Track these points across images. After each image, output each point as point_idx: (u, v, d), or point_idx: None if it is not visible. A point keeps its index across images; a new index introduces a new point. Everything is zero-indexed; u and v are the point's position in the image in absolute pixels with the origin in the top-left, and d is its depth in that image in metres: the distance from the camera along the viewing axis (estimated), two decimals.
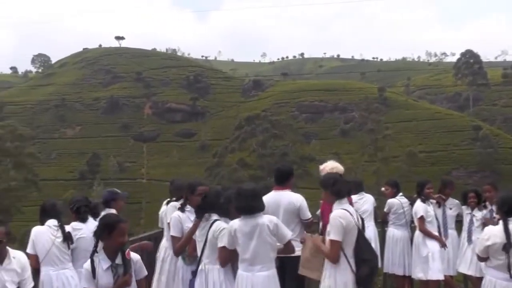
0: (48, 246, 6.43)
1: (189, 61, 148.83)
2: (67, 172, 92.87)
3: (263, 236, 5.77)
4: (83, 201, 7.11)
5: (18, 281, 5.25)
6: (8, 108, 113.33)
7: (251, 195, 5.94)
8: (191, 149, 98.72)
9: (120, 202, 7.73)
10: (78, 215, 6.92)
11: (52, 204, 6.95)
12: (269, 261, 5.86)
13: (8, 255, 5.20)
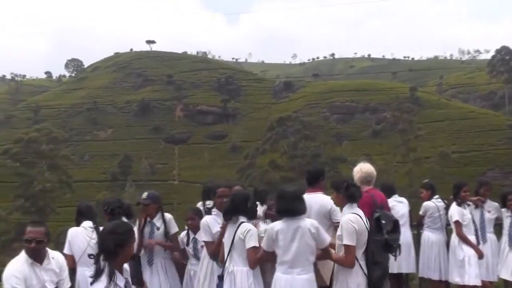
0: (83, 246, 6.57)
1: (220, 63, 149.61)
2: (99, 173, 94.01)
3: (304, 239, 5.74)
4: (116, 203, 7.17)
5: (56, 281, 5.33)
6: (43, 111, 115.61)
7: (293, 197, 5.92)
8: (222, 151, 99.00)
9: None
10: (112, 217, 6.93)
11: (87, 206, 7.09)
12: (308, 265, 5.83)
13: (48, 256, 5.29)
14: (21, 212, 74.60)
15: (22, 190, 76.45)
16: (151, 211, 7.46)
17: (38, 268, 5.17)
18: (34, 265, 5.15)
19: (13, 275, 5.01)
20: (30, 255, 5.18)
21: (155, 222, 7.37)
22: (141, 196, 7.77)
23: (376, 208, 6.69)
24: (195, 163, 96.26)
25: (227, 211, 6.32)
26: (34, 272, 5.13)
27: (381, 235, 6.34)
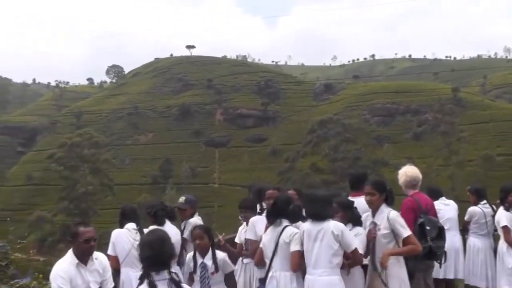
0: (127, 248, 6.64)
1: (260, 66, 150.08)
2: (140, 177, 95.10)
3: (325, 240, 5.74)
4: (159, 205, 7.25)
5: (100, 281, 5.42)
6: (86, 117, 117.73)
7: (322, 201, 5.93)
8: (263, 154, 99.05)
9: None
10: (155, 219, 7.02)
11: (131, 208, 7.19)
12: (330, 267, 5.77)
13: (91, 257, 5.37)
14: (65, 214, 76.71)
15: (66, 192, 78.49)
16: (187, 215, 7.72)
17: (83, 269, 5.27)
18: (79, 266, 5.25)
19: (59, 275, 5.11)
20: (85, 255, 5.31)
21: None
22: (179, 200, 7.86)
23: (421, 213, 6.58)
24: (235, 166, 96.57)
25: (270, 214, 6.34)
26: (79, 273, 5.23)
27: (425, 241, 6.27)
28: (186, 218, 7.72)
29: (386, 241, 6.09)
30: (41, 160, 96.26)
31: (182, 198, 7.92)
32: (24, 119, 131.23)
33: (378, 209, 6.25)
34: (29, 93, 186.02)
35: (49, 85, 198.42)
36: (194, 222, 7.69)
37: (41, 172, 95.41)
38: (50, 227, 74.74)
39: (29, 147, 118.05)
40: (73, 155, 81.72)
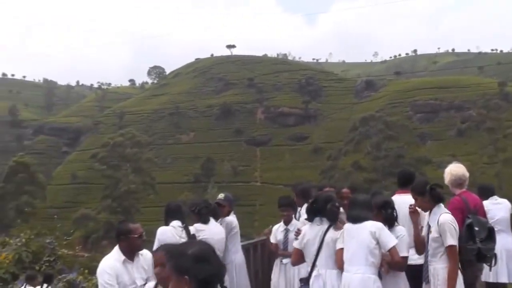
0: None
1: (300, 64, 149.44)
2: (182, 175, 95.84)
3: (362, 238, 5.69)
4: (204, 203, 7.29)
5: (145, 277, 5.45)
6: (127, 117, 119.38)
7: (362, 205, 5.92)
8: (304, 152, 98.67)
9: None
10: (200, 217, 7.05)
11: (176, 205, 7.20)
12: (365, 265, 5.68)
13: (138, 253, 5.44)
14: (109, 212, 78.28)
15: (109, 191, 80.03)
16: (225, 213, 7.64)
17: (130, 265, 5.33)
18: (126, 262, 5.31)
19: (105, 272, 5.20)
20: (135, 250, 5.40)
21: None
22: (218, 196, 7.85)
23: (469, 213, 6.34)
24: (276, 165, 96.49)
25: (309, 212, 6.27)
26: (125, 269, 5.29)
27: (474, 243, 6.06)
28: (223, 216, 7.65)
29: (436, 245, 5.95)
30: (85, 159, 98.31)
31: (221, 195, 7.90)
32: (69, 120, 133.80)
33: (431, 210, 6.09)
34: (73, 95, 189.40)
35: (92, 87, 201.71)
36: (230, 220, 7.70)
37: (85, 171, 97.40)
38: (93, 224, 76.13)
39: (73, 147, 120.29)
40: (115, 154, 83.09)
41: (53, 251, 14.82)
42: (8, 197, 78.90)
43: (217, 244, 6.86)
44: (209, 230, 6.95)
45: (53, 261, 14.57)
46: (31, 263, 13.68)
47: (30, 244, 14.45)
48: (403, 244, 5.88)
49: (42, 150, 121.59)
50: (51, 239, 15.35)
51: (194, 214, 7.12)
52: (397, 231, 5.98)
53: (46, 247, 14.85)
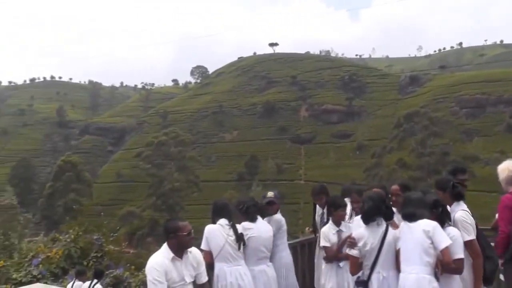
0: (221, 243, 6.51)
1: (343, 61, 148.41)
2: (226, 173, 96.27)
3: (416, 237, 5.49)
4: (251, 201, 7.15)
5: (194, 275, 5.49)
6: (171, 116, 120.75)
7: (416, 203, 5.72)
8: (348, 150, 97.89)
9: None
10: (247, 215, 6.94)
11: (223, 204, 7.03)
12: (420, 264, 5.48)
13: (186, 250, 5.44)
14: (153, 209, 79.46)
15: (154, 189, 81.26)
16: (275, 211, 7.53)
17: (178, 262, 5.33)
18: (175, 260, 5.31)
19: (154, 269, 5.19)
20: (185, 248, 5.40)
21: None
22: (267, 194, 7.71)
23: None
24: (320, 163, 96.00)
25: (368, 213, 6.02)
26: (174, 266, 5.28)
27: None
28: (272, 214, 7.52)
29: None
30: (130, 158, 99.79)
31: (271, 193, 7.78)
32: (113, 120, 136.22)
33: (451, 207, 6.06)
34: (117, 95, 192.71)
35: (136, 88, 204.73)
36: (279, 218, 7.57)
37: (130, 169, 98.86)
38: (138, 221, 77.19)
39: (118, 146, 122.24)
40: (160, 153, 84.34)
41: (100, 247, 15.06)
42: (57, 195, 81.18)
43: (265, 243, 6.84)
44: (257, 229, 6.83)
45: (100, 257, 14.80)
46: (79, 258, 13.87)
47: (78, 240, 14.65)
48: (458, 246, 5.59)
49: (88, 149, 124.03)
50: (98, 235, 15.59)
51: (241, 213, 6.99)
52: (449, 232, 5.69)
53: (93, 243, 15.08)
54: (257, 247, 6.74)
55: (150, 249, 56.56)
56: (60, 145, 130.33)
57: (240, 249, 6.60)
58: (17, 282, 11.63)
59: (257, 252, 6.73)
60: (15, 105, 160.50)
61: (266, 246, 6.86)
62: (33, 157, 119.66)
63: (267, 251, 6.90)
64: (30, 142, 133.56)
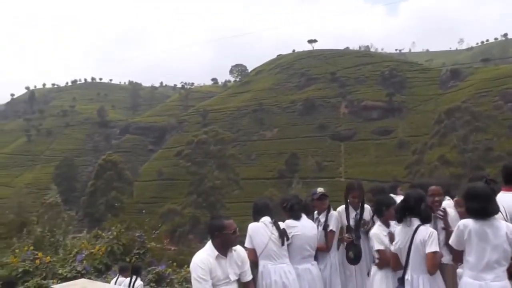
0: (265, 241, 6.49)
1: (383, 56, 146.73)
2: (266, 171, 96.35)
3: (499, 242, 5.12)
4: (295, 199, 7.10)
5: (239, 273, 5.50)
6: (211, 115, 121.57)
7: (486, 196, 5.29)
8: (389, 146, 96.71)
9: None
10: (291, 213, 6.86)
11: (264, 204, 7.00)
12: (502, 271, 5.16)
13: (231, 248, 5.45)
14: (194, 207, 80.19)
15: (194, 187, 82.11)
16: (325, 207, 7.43)
17: (223, 260, 5.37)
18: (219, 258, 5.36)
19: (199, 267, 5.24)
20: (229, 246, 5.45)
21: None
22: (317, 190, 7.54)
23: None
24: (361, 160, 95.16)
25: (399, 212, 5.85)
26: (219, 264, 5.33)
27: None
28: (323, 211, 7.40)
29: None
30: (170, 157, 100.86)
31: (321, 189, 7.62)
32: (154, 120, 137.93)
33: None
34: (157, 95, 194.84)
35: (175, 87, 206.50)
36: (335, 214, 7.46)
37: (171, 168, 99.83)
38: (179, 219, 77.92)
39: (158, 145, 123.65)
40: (200, 151, 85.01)
41: (142, 244, 15.26)
42: (98, 193, 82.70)
43: (309, 241, 6.77)
44: (301, 227, 6.76)
45: (142, 254, 15.01)
46: (122, 255, 14.03)
47: (121, 237, 14.90)
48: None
49: (128, 148, 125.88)
50: (140, 232, 15.75)
51: (285, 210, 6.94)
52: None
53: (136, 240, 15.29)
54: (301, 245, 6.69)
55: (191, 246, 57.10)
56: (101, 145, 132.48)
57: (284, 245, 6.54)
58: (62, 277, 11.88)
59: (301, 250, 6.68)
60: (58, 106, 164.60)
61: (310, 245, 6.78)
62: (76, 157, 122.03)
63: (312, 249, 6.82)
64: (73, 142, 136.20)
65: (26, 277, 11.54)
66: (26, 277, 11.56)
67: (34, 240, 16.44)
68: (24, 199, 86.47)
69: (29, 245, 14.09)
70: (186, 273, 14.95)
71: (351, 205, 7.34)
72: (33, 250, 12.97)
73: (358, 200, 7.29)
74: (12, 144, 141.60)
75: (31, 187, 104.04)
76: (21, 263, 12.01)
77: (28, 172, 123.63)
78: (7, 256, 13.82)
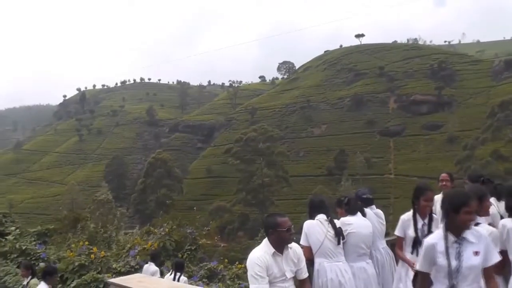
0: (321, 239, 6.43)
1: (432, 49, 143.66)
2: (315, 168, 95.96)
3: None
4: (354, 196, 7.07)
5: (295, 270, 5.43)
6: (259, 112, 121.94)
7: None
8: (439, 142, 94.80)
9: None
10: (349, 208, 6.82)
11: (320, 201, 6.91)
12: None
13: (287, 246, 5.38)
14: (243, 204, 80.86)
15: (243, 184, 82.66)
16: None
17: (279, 258, 5.29)
18: (275, 255, 5.29)
19: (256, 264, 5.19)
20: (284, 244, 5.35)
21: None
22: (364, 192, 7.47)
23: None
24: (410, 156, 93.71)
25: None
26: (275, 262, 5.26)
27: None
28: None
29: None
30: (219, 154, 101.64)
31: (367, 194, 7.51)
32: (202, 118, 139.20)
33: None
34: (205, 94, 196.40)
35: (223, 86, 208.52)
36: (380, 212, 7.42)
37: (219, 165, 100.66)
38: (228, 216, 78.51)
39: (207, 143, 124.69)
40: (248, 149, 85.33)
41: (194, 241, 15.37)
42: (149, 190, 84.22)
43: (365, 239, 6.67)
44: (357, 224, 6.68)
45: (194, 250, 15.11)
46: (174, 251, 14.14)
47: (173, 234, 15.16)
48: None
49: (177, 146, 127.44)
50: (192, 229, 15.86)
51: (341, 207, 6.92)
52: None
53: (187, 237, 15.42)
54: (356, 243, 6.60)
55: (241, 243, 57.51)
56: (150, 143, 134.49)
57: (340, 244, 6.47)
58: (116, 272, 12.15)
59: (356, 248, 6.59)
60: (108, 106, 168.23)
61: (365, 243, 6.69)
62: (126, 155, 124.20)
63: (367, 247, 6.73)
64: (123, 141, 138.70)
65: (82, 271, 11.83)
66: (82, 270, 11.85)
67: (88, 235, 16.89)
68: (76, 196, 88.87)
69: (83, 240, 14.54)
70: (238, 270, 15.01)
71: (420, 211, 6.22)
72: (88, 245, 13.30)
73: (430, 205, 6.27)
74: (64, 144, 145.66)
75: (83, 185, 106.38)
76: (77, 257, 12.32)
77: (80, 170, 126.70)
78: (63, 250, 14.34)
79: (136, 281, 6.97)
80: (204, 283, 12.72)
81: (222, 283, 13.55)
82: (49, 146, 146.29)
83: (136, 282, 6.93)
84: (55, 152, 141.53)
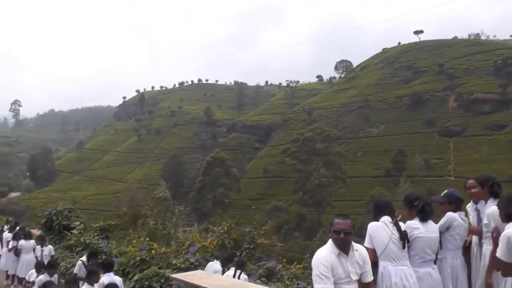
0: (385, 241, 6.34)
1: (495, 44, 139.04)
2: (372, 169, 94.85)
3: None
4: (426, 200, 6.81)
5: (360, 272, 5.43)
6: (316, 112, 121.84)
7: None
8: (503, 142, 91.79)
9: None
10: (420, 214, 6.62)
11: (386, 202, 6.82)
12: None
13: (352, 247, 5.41)
14: (300, 204, 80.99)
15: (300, 184, 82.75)
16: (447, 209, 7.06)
17: (344, 259, 5.34)
18: (340, 256, 5.33)
19: (321, 263, 5.23)
20: (337, 246, 5.36)
21: None
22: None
23: None
24: (472, 157, 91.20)
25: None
26: (340, 262, 5.31)
27: None
28: None
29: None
30: (276, 154, 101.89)
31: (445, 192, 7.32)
32: (259, 118, 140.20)
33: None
34: (262, 94, 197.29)
35: (280, 86, 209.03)
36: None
37: (276, 165, 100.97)
38: (285, 216, 78.63)
39: (264, 143, 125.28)
40: (305, 149, 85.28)
41: (252, 240, 15.44)
42: (206, 189, 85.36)
43: (431, 244, 6.50)
44: (424, 229, 6.50)
45: (252, 249, 15.18)
46: (232, 249, 14.23)
47: (231, 232, 15.34)
48: None
49: (235, 146, 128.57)
50: (250, 228, 15.93)
51: (410, 209, 6.70)
52: None
53: (246, 235, 15.52)
54: (422, 248, 6.44)
55: (299, 243, 57.44)
56: (208, 143, 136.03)
57: (404, 248, 6.34)
58: (176, 268, 12.48)
59: (422, 253, 6.43)
60: (167, 107, 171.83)
61: (431, 248, 6.51)
62: (184, 154, 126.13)
63: (433, 253, 6.54)
64: (181, 141, 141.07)
65: (143, 265, 12.22)
66: (143, 265, 12.25)
67: (148, 232, 17.32)
68: (135, 193, 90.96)
69: (144, 236, 15.04)
70: (296, 270, 14.95)
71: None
72: (148, 241, 13.72)
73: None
74: (124, 143, 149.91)
75: (141, 183, 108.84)
76: (138, 252, 12.77)
77: (139, 169, 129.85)
78: (124, 245, 14.98)
79: (198, 277, 7.11)
80: (263, 282, 12.68)
81: (281, 282, 13.50)
82: (109, 146, 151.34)
83: (198, 278, 7.07)
84: (115, 151, 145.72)
